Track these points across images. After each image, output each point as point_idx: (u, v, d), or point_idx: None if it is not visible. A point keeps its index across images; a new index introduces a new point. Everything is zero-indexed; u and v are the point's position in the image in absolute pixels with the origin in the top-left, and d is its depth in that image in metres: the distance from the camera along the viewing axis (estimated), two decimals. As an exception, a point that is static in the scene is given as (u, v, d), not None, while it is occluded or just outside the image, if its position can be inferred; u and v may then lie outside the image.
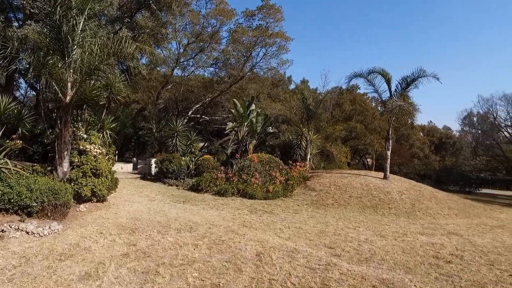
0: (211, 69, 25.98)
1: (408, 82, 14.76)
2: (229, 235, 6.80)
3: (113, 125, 11.40)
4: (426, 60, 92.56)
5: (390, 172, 15.32)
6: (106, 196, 8.93)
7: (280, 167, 15.18)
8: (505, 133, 30.28)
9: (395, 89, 15.10)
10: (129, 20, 16.04)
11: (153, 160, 18.01)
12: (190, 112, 26.43)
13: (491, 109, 30.71)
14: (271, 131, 19.89)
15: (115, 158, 15.41)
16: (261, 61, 24.07)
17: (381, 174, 15.24)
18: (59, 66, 7.91)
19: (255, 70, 25.07)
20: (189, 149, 18.93)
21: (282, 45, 22.91)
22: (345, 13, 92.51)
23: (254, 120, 17.30)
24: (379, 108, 31.43)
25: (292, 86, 34.21)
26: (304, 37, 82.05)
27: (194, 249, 5.71)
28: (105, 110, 11.07)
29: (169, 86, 24.29)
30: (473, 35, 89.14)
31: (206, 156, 17.03)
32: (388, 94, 15.27)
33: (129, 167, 21.53)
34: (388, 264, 5.59)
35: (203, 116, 26.99)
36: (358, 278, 4.82)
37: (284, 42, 22.81)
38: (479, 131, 33.40)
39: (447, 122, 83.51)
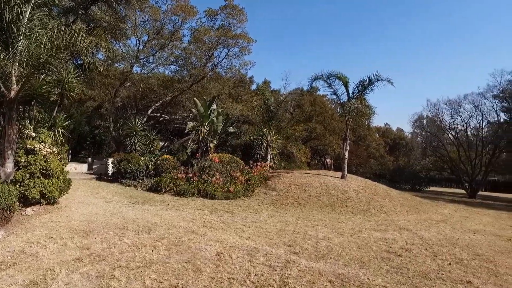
0: (172, 67, 25.42)
1: (365, 86, 15.43)
2: (189, 236, 6.69)
3: (66, 123, 10.75)
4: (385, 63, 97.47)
5: (348, 172, 15.93)
6: (58, 198, 8.43)
7: (241, 167, 15.21)
8: (449, 135, 32.65)
9: (353, 92, 15.73)
10: (83, 12, 15.23)
11: (110, 160, 17.27)
12: (149, 111, 25.63)
13: (438, 113, 33.01)
14: (232, 131, 19.88)
15: (68, 158, 14.58)
16: (223, 61, 23.98)
17: (339, 174, 15.79)
18: (1, 57, 7.31)
19: (217, 70, 24.91)
20: (148, 149, 18.40)
21: (244, 46, 22.97)
22: (308, 15, 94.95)
23: (215, 119, 17.18)
24: (338, 110, 32.48)
25: (254, 87, 34.48)
26: (266, 38, 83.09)
27: (152, 251, 5.55)
28: (57, 107, 10.38)
29: (128, 84, 23.38)
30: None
31: (166, 156, 16.63)
32: (346, 97, 15.87)
33: (83, 167, 20.49)
34: (344, 260, 5.80)
35: (163, 115, 26.30)
36: (315, 274, 4.95)
37: (246, 44, 22.89)
38: (428, 133, 35.64)
39: (400, 124, 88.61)
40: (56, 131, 9.96)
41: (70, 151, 22.99)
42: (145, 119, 23.48)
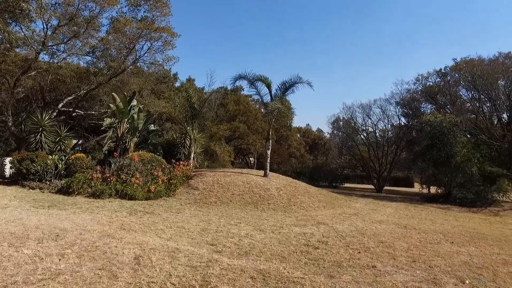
0: (88, 58, 23.14)
1: (287, 87, 16.18)
2: (104, 240, 6.22)
3: None
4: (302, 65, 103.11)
5: (270, 170, 16.49)
6: None
7: (163, 166, 14.70)
8: (362, 136, 35.98)
9: (275, 92, 16.35)
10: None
11: (7, 160, 15.16)
12: (60, 105, 23.03)
13: (352, 115, 36.13)
14: (154, 128, 19.09)
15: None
16: (146, 55, 22.65)
17: (262, 172, 16.27)
18: None
19: (138, 64, 23.42)
20: (58, 147, 16.63)
21: (168, 40, 22.05)
22: (236, 14, 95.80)
23: (135, 116, 16.30)
24: (262, 110, 33.35)
25: (178, 84, 33.42)
26: (192, 36, 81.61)
27: (59, 260, 5.01)
28: None
29: (33, 73, 20.61)
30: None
31: (79, 154, 15.21)
32: (269, 97, 16.44)
33: (-30, 168, 17.61)
34: (265, 256, 5.98)
35: (76, 110, 23.91)
36: (237, 271, 5.01)
37: (170, 38, 22.01)
38: (344, 134, 38.69)
39: (321, 125, 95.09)
40: None
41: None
42: (55, 114, 21.10)
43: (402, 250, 7.12)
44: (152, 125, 19.08)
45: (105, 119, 16.95)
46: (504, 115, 24.65)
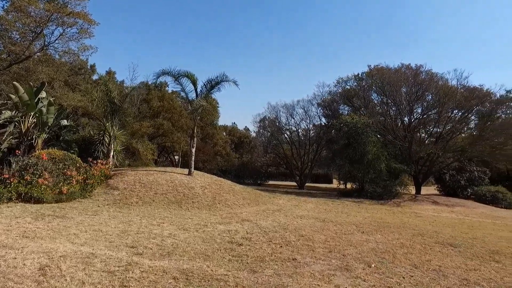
0: (-20, 39, 19.95)
1: (213, 85, 16.08)
2: None
3: None
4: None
5: (195, 169, 16.23)
6: None
7: (78, 165, 13.41)
8: (285, 135, 37.54)
9: (201, 90, 16.15)
10: None
11: None
12: None
13: (277, 115, 37.45)
14: (67, 124, 17.33)
15: None
16: (57, 41, 20.32)
17: (187, 171, 15.92)
18: None
19: (48, 52, 20.96)
20: None
21: (85, 28, 20.10)
22: (164, 8, 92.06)
23: (44, 110, 14.55)
24: (189, 107, 32.56)
25: (96, 77, 30.82)
26: (114, 27, 76.28)
27: None
28: None
29: None
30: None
31: (-31, 152, 13.05)
32: (195, 95, 16.17)
33: None
34: (189, 255, 5.86)
35: (-36, 101, 20.46)
36: (159, 273, 4.82)
37: (88, 26, 20.09)
38: (269, 133, 39.88)
39: (248, 123, 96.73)
40: None
41: None
42: None
43: (320, 242, 7.63)
44: (65, 120, 17.30)
45: (3, 111, 14.81)
46: (406, 118, 28.11)
